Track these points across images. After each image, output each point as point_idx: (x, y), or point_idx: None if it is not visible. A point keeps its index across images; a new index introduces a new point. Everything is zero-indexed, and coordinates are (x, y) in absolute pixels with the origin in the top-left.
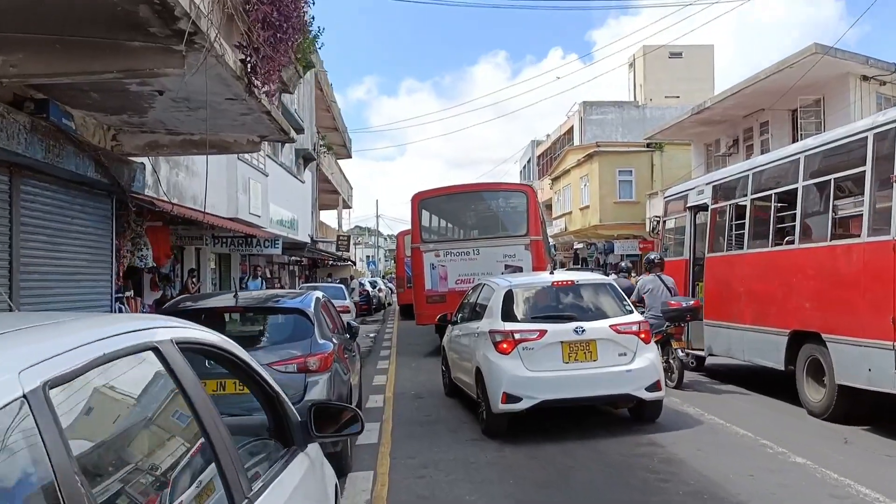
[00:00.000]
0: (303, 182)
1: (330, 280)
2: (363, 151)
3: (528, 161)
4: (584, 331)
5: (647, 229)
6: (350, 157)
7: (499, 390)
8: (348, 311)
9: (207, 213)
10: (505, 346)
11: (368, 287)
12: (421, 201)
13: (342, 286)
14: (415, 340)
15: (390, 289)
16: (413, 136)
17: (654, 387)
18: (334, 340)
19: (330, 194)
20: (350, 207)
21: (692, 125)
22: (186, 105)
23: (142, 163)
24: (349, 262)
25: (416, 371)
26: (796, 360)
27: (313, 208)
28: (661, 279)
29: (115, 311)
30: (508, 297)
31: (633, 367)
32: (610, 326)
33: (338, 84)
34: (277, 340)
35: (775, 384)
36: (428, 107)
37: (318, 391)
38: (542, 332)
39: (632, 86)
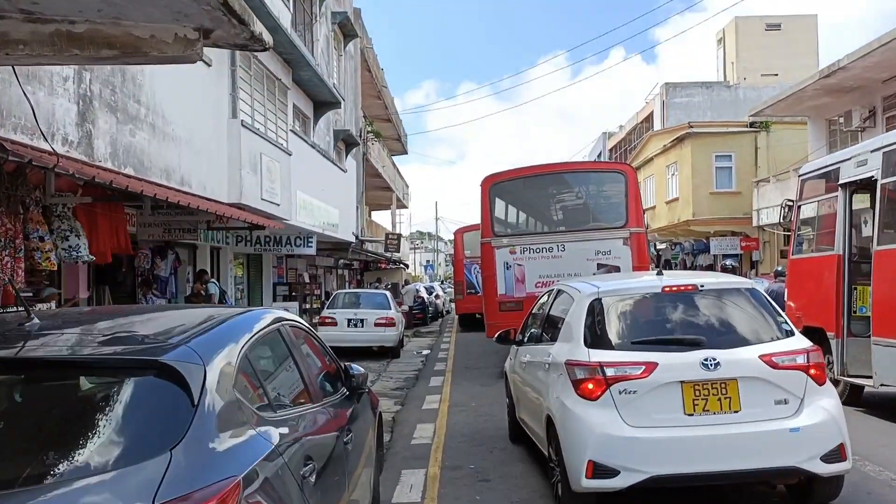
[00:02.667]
0: (344, 171)
1: (376, 285)
2: (421, 156)
3: (598, 155)
4: (717, 364)
5: (778, 218)
6: (406, 152)
7: (582, 457)
8: (392, 325)
9: (185, 193)
10: (591, 387)
11: (424, 293)
12: (492, 186)
13: (386, 293)
14: (477, 359)
15: (449, 295)
16: (473, 142)
17: (835, 454)
18: (275, 432)
19: (382, 191)
20: (406, 207)
21: (814, 95)
22: None
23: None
24: (401, 266)
25: (475, 402)
26: None
27: (359, 203)
28: None
29: None
30: (596, 310)
31: (801, 422)
32: (761, 357)
33: (396, 89)
34: (80, 465)
35: None
36: (486, 108)
37: None
38: (651, 367)
39: (721, 64)
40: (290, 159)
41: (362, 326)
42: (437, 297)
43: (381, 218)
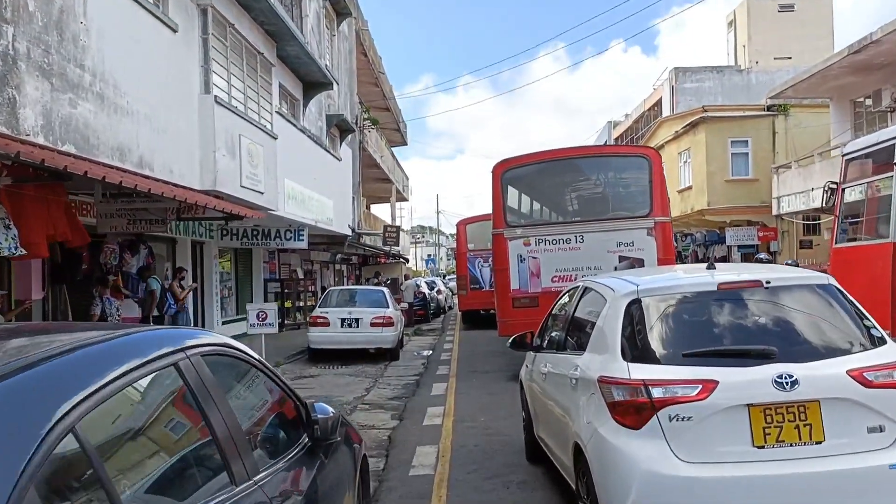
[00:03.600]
0: (339, 159)
1: (374, 281)
2: (422, 147)
3: (605, 145)
4: (794, 382)
5: (821, 202)
6: (405, 143)
7: (623, 501)
8: (391, 325)
9: (146, 177)
10: (633, 412)
11: (425, 288)
12: (505, 173)
13: (383, 290)
14: (483, 361)
15: (451, 290)
16: (473, 136)
17: None
18: None
19: (380, 183)
20: (406, 200)
21: (840, 73)
22: None
23: None
24: (400, 260)
25: (484, 416)
26: None
27: (355, 194)
28: None
29: None
30: (635, 314)
31: None
32: (849, 372)
33: (394, 83)
34: None
35: None
36: (486, 103)
37: None
38: (710, 386)
39: (731, 48)
40: (275, 143)
41: (357, 326)
42: (438, 292)
43: (381, 212)
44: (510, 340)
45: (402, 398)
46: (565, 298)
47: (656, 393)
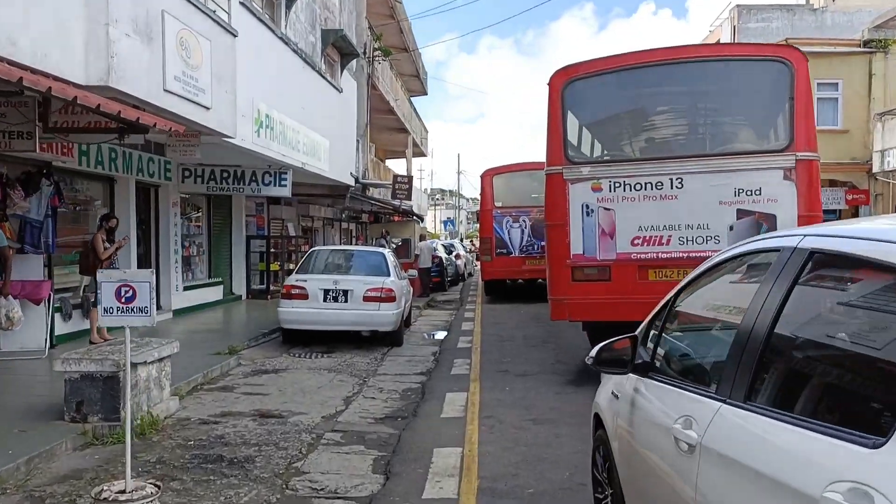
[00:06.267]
0: (338, 89)
1: (381, 241)
2: (440, 109)
3: (719, 44)
4: None
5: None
6: (425, 92)
7: None
8: (391, 299)
9: None
10: None
11: (442, 252)
12: (568, 85)
13: (383, 252)
14: (515, 351)
15: (469, 255)
16: (493, 97)
17: None
18: None
19: (395, 133)
20: (424, 155)
21: None
22: None
23: None
24: (413, 218)
25: (526, 458)
26: None
27: (361, 138)
28: None
29: None
30: None
31: None
32: None
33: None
34: None
35: None
36: (508, 66)
37: None
38: None
39: None
40: (234, 43)
41: (346, 301)
42: (457, 256)
43: (396, 167)
44: (597, 354)
45: (396, 419)
46: (711, 278)
47: None
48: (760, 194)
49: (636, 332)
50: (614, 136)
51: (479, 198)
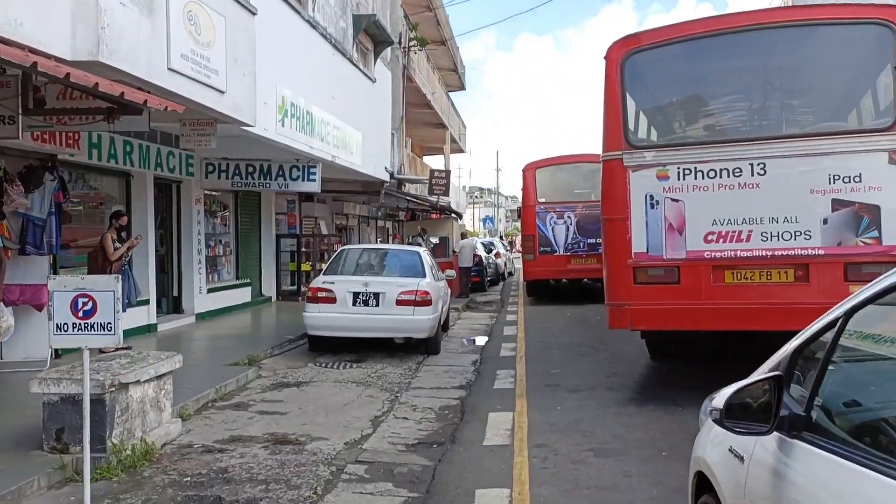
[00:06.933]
0: (372, 79)
1: (417, 240)
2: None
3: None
4: None
5: None
6: (463, 87)
7: None
8: (427, 303)
9: None
10: None
11: (482, 251)
12: (629, 57)
13: (419, 251)
14: (565, 361)
15: (509, 254)
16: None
17: None
18: None
19: (432, 129)
20: (463, 151)
21: None
22: None
23: None
24: (452, 216)
25: (588, 485)
26: None
27: (396, 131)
28: None
29: None
30: None
31: None
32: None
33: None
34: None
35: None
36: (544, 63)
37: None
38: None
39: None
40: (252, 21)
41: (377, 305)
42: (497, 255)
43: (434, 164)
44: (726, 405)
45: (431, 445)
46: None
47: None
48: (860, 181)
49: (778, 370)
50: (682, 115)
51: (518, 195)
